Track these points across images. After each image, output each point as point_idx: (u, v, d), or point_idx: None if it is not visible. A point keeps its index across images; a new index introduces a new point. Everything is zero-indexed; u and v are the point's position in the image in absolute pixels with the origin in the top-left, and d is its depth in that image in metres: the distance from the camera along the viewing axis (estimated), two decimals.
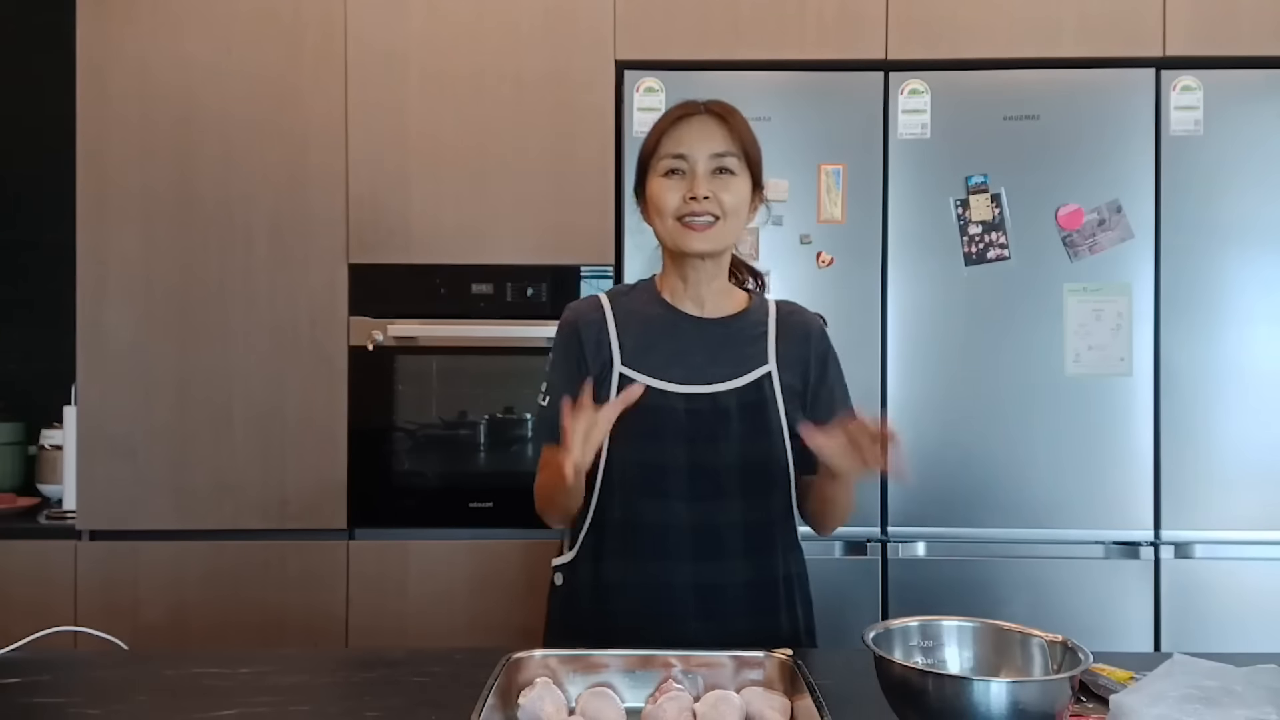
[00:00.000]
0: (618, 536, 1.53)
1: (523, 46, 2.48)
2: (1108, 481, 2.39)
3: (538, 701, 1.16)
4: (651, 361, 1.53)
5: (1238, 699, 1.03)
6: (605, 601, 1.53)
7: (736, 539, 1.52)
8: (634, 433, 1.49)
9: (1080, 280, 2.40)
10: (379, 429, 2.49)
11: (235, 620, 2.44)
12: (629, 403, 1.38)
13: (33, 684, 1.31)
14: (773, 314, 1.60)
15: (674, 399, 1.50)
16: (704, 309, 1.57)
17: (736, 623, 1.50)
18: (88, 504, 2.45)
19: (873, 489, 2.40)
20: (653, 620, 1.48)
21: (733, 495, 1.51)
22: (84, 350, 2.46)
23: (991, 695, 1.02)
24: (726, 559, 1.51)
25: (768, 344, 1.56)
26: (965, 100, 2.42)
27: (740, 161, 1.51)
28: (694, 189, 1.48)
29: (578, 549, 1.57)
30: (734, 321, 1.57)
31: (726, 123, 1.52)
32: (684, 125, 1.51)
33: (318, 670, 1.39)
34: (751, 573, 1.53)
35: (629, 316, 1.57)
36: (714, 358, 1.53)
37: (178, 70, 2.47)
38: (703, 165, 1.49)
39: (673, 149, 1.50)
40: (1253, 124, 2.40)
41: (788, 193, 2.41)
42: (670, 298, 1.58)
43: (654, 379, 1.51)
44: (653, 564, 1.51)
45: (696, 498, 1.50)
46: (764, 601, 1.55)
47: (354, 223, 2.48)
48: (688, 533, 1.50)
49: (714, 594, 1.51)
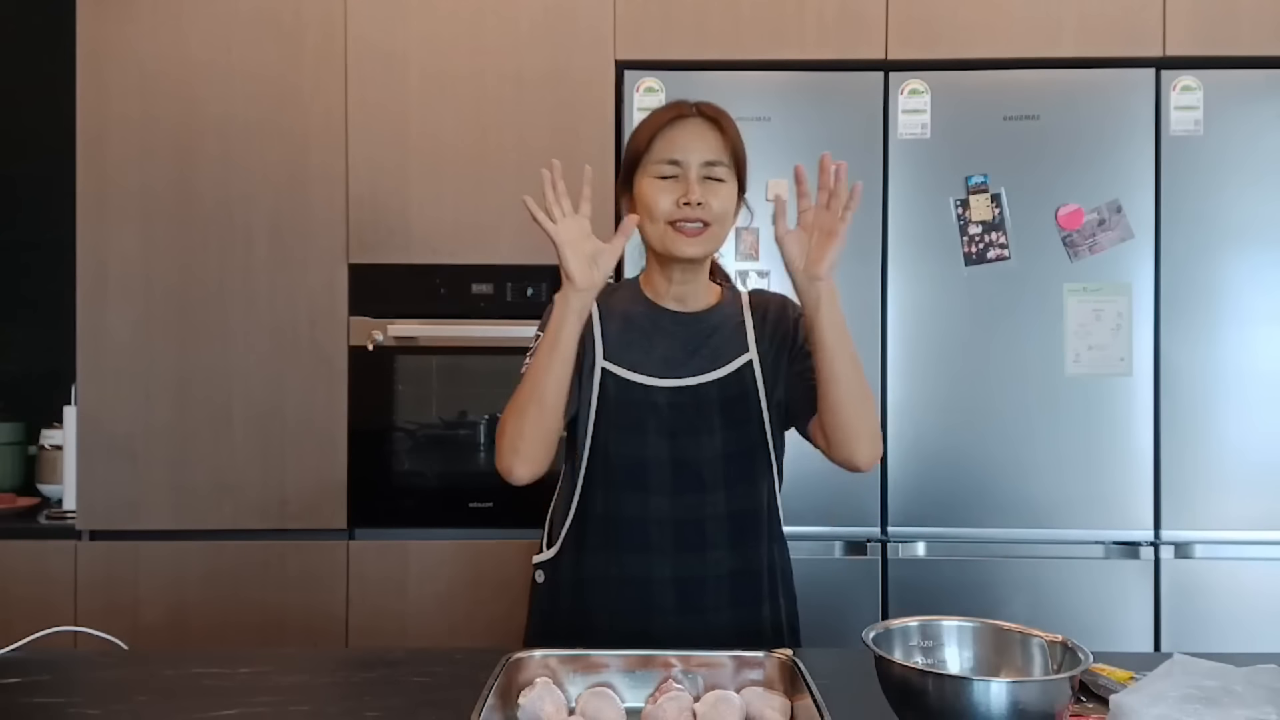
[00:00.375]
0: (600, 531, 1.53)
1: (523, 46, 2.48)
2: (1108, 481, 2.39)
3: (538, 701, 1.16)
4: (633, 356, 1.54)
5: (1238, 699, 1.03)
6: (587, 596, 1.53)
7: (720, 531, 1.52)
8: (617, 427, 1.50)
9: (1080, 280, 2.40)
10: (379, 429, 2.49)
11: (235, 620, 2.44)
12: (628, 234, 1.41)
13: (33, 684, 1.31)
14: (746, 302, 1.62)
15: (656, 393, 1.51)
16: (685, 305, 1.58)
17: (718, 615, 1.51)
18: (88, 504, 2.45)
19: (873, 489, 2.40)
20: (634, 614, 1.49)
21: (716, 487, 1.52)
22: (84, 350, 2.46)
23: (991, 695, 1.02)
24: (709, 551, 1.52)
25: (746, 331, 1.58)
26: (965, 100, 2.42)
27: (729, 169, 1.52)
28: (688, 194, 1.48)
29: (560, 545, 1.57)
30: (711, 314, 1.59)
31: (719, 128, 1.52)
32: (678, 128, 1.51)
33: (318, 670, 1.39)
34: (734, 564, 1.53)
35: (612, 313, 1.58)
36: (694, 351, 1.54)
37: (178, 70, 2.47)
38: (695, 171, 1.50)
39: (667, 153, 1.50)
40: (1253, 124, 2.40)
41: (788, 193, 2.41)
42: (653, 295, 1.59)
43: (635, 373, 1.53)
44: (635, 558, 1.51)
45: (680, 490, 1.51)
46: (746, 594, 1.55)
47: (354, 223, 2.48)
48: (670, 526, 1.51)
49: (696, 587, 1.51)
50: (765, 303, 1.62)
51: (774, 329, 1.58)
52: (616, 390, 1.52)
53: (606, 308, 1.58)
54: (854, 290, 2.42)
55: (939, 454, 2.40)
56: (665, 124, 1.52)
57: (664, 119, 1.53)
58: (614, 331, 1.56)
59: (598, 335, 1.55)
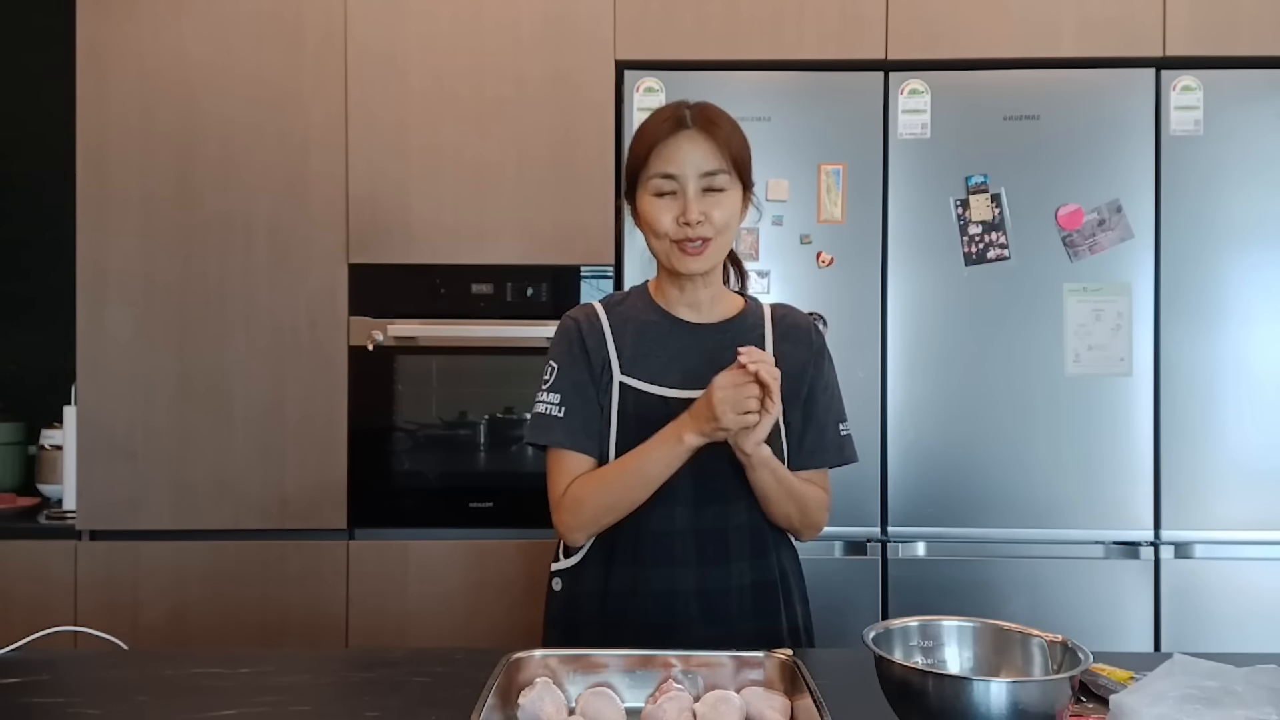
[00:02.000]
0: (625, 544, 1.52)
1: (523, 47, 2.48)
2: (1108, 481, 2.39)
3: (538, 701, 1.16)
4: (651, 368, 1.53)
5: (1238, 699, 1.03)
6: (611, 609, 1.52)
7: (741, 542, 1.52)
8: (638, 440, 1.49)
9: (1080, 280, 2.40)
10: (379, 429, 2.49)
11: (235, 620, 2.44)
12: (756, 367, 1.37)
13: (33, 684, 1.31)
14: (768, 316, 1.61)
15: (675, 405, 1.50)
16: (700, 314, 1.57)
17: (742, 624, 1.51)
18: (88, 504, 2.45)
19: (873, 489, 2.41)
20: (658, 626, 1.48)
21: (737, 498, 1.51)
22: (84, 350, 2.46)
23: (991, 695, 1.02)
24: (731, 562, 1.52)
25: (765, 344, 1.57)
26: (965, 100, 2.42)
27: (730, 175, 1.50)
28: (687, 214, 1.46)
29: (583, 555, 1.56)
30: (730, 325, 1.58)
31: (716, 135, 1.49)
32: (674, 142, 1.48)
33: (318, 670, 1.39)
34: (754, 575, 1.54)
35: (625, 324, 1.56)
36: (712, 362, 1.53)
37: (178, 71, 2.47)
38: (693, 185, 1.47)
39: (662, 168, 1.48)
40: (1253, 124, 2.40)
41: (788, 193, 2.41)
42: (665, 304, 1.58)
43: (654, 385, 1.52)
44: (661, 571, 1.51)
45: (702, 502, 1.51)
46: (766, 603, 1.55)
47: (354, 223, 2.48)
48: (693, 538, 1.51)
49: (719, 598, 1.51)
50: (787, 324, 1.61)
51: (791, 348, 1.58)
52: (636, 404, 1.52)
53: (618, 319, 1.57)
54: (854, 290, 2.42)
55: (939, 454, 2.40)
56: (662, 137, 1.49)
57: (660, 131, 1.50)
58: (629, 344, 1.55)
59: (611, 350, 1.54)
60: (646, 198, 1.50)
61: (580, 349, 1.55)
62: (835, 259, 2.41)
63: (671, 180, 1.48)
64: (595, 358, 1.54)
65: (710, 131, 1.49)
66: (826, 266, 2.41)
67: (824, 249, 2.41)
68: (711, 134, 1.49)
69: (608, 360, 1.54)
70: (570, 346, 1.56)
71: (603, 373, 1.53)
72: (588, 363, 1.54)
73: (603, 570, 1.54)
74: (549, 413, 1.53)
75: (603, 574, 1.54)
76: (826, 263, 2.41)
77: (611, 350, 1.54)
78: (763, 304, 1.63)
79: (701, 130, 1.49)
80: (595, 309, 1.59)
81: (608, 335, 1.55)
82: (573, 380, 1.54)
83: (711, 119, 1.51)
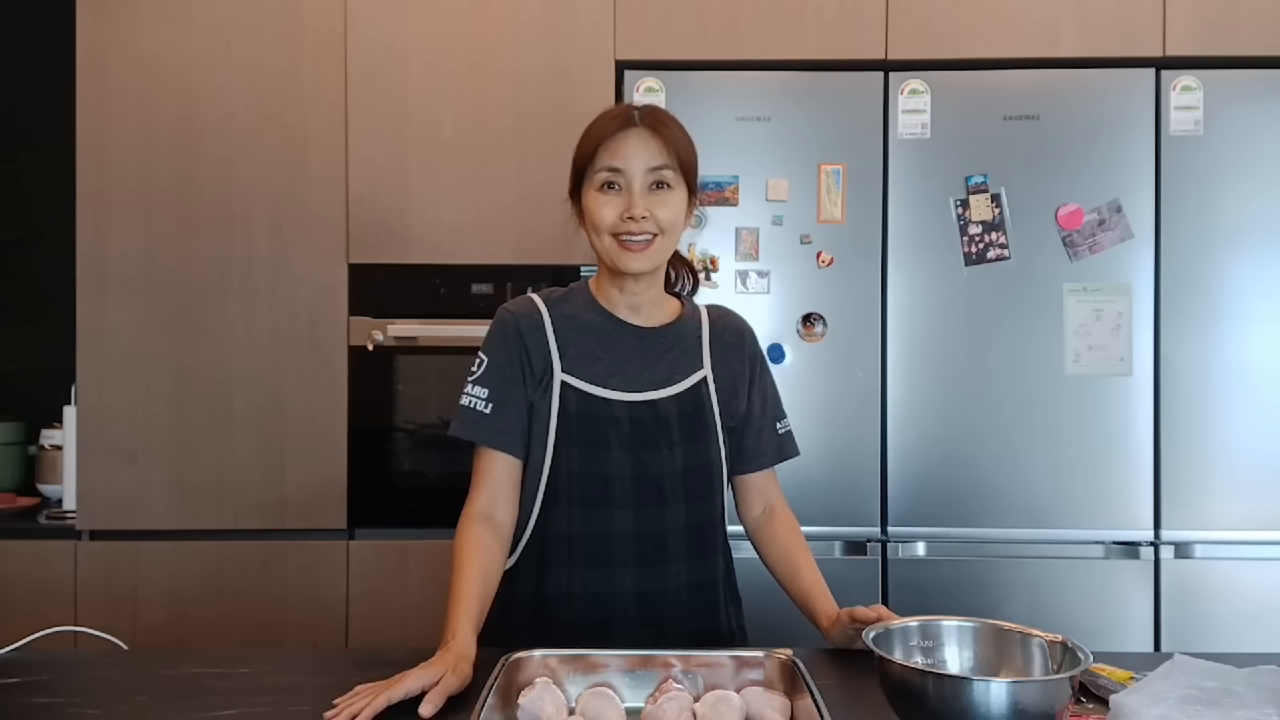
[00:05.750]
0: (562, 547, 1.51)
1: (523, 46, 2.48)
2: (1108, 481, 2.39)
3: (538, 701, 1.16)
4: (594, 370, 1.51)
5: (1238, 700, 1.03)
6: (545, 611, 1.51)
7: (680, 543, 1.52)
8: (579, 442, 1.48)
9: (1080, 280, 2.40)
10: (379, 429, 2.49)
11: (235, 620, 2.44)
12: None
13: (33, 684, 1.31)
14: (705, 320, 1.61)
15: (617, 407, 1.50)
16: (641, 317, 1.56)
17: (677, 626, 1.51)
18: (88, 504, 2.45)
19: (873, 489, 2.41)
20: (595, 628, 1.47)
21: (676, 501, 1.51)
22: (84, 350, 2.46)
23: (991, 695, 1.02)
24: (669, 564, 1.51)
25: (702, 349, 1.57)
26: (965, 100, 2.42)
27: (676, 174, 1.49)
28: (631, 208, 1.46)
29: (517, 557, 1.54)
30: (669, 330, 1.57)
31: (662, 135, 1.48)
32: (621, 138, 1.47)
33: (318, 670, 1.39)
34: (692, 576, 1.53)
35: (567, 322, 1.55)
36: (652, 365, 1.53)
37: (178, 68, 2.47)
38: (639, 181, 1.47)
39: (609, 162, 1.47)
40: (1253, 124, 2.40)
41: (788, 193, 2.41)
42: (607, 305, 1.57)
43: (596, 387, 1.51)
44: (598, 573, 1.50)
45: (642, 504, 1.50)
46: (704, 603, 1.55)
47: (354, 222, 2.48)
48: (632, 540, 1.50)
49: (656, 599, 1.51)
50: (724, 323, 1.62)
51: (728, 352, 1.59)
52: (578, 404, 1.50)
53: (560, 317, 1.55)
54: (854, 290, 2.42)
55: (939, 454, 2.40)
56: (610, 134, 1.48)
57: (608, 128, 1.49)
58: (571, 343, 1.53)
59: (553, 347, 1.52)
60: (591, 193, 1.49)
61: (517, 345, 1.53)
62: (835, 259, 2.41)
63: (617, 174, 1.47)
64: (535, 355, 1.52)
65: (658, 130, 1.48)
66: (826, 266, 2.41)
67: (824, 249, 2.41)
68: (659, 133, 1.48)
69: (549, 357, 1.52)
70: (506, 342, 1.54)
71: (544, 370, 1.51)
72: (524, 360, 1.52)
73: (539, 574, 1.52)
74: (475, 406, 1.52)
75: (538, 577, 1.52)
76: (826, 263, 2.41)
77: (553, 347, 1.52)
78: (699, 307, 1.63)
79: (649, 129, 1.48)
80: (536, 303, 1.57)
81: (549, 332, 1.53)
82: (503, 376, 1.52)
83: (660, 119, 1.50)
